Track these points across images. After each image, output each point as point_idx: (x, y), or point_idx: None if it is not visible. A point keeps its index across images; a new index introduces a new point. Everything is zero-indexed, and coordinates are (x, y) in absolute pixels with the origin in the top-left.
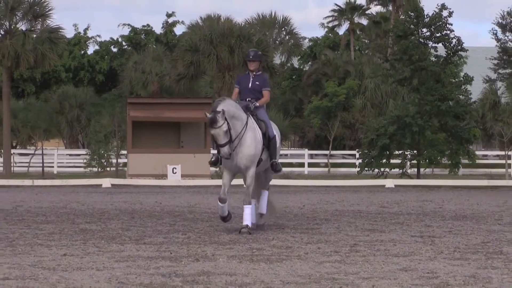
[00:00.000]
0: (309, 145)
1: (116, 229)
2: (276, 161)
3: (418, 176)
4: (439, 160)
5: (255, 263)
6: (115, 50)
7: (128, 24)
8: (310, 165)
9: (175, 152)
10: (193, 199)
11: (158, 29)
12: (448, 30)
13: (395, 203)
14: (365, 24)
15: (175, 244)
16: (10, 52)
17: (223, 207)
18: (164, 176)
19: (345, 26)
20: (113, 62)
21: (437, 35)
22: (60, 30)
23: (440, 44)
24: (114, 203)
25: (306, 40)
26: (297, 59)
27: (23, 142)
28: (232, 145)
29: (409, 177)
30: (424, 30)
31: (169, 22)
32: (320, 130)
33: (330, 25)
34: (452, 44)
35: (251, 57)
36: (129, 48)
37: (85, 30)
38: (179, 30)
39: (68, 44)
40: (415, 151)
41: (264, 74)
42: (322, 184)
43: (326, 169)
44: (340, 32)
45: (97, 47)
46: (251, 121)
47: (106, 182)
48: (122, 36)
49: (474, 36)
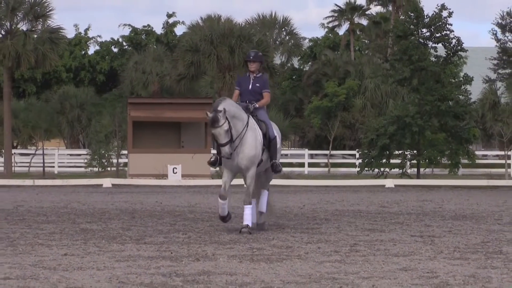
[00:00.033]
0: (309, 145)
1: (117, 229)
2: (277, 162)
3: (418, 176)
4: (439, 160)
5: (256, 263)
6: (116, 50)
7: (129, 25)
8: (310, 165)
9: (176, 152)
10: (194, 199)
11: (159, 30)
12: (448, 31)
13: (395, 203)
14: (365, 25)
15: (176, 244)
16: (11, 52)
17: (224, 205)
18: (165, 176)
19: (345, 27)
20: (114, 62)
21: (437, 35)
22: (61, 31)
23: (440, 44)
24: (115, 203)
25: (306, 41)
26: (297, 59)
27: (24, 142)
28: (233, 145)
29: (409, 177)
30: (424, 31)
31: (170, 23)
32: (320, 130)
33: (330, 26)
34: (452, 44)
35: (252, 58)
36: (130, 48)
37: (86, 31)
38: (180, 31)
39: (69, 45)
40: (415, 151)
41: (264, 76)
42: (322, 184)
43: (326, 169)
44: (340, 33)
45: (98, 47)
46: (252, 122)
47: (107, 182)
48: (123, 37)
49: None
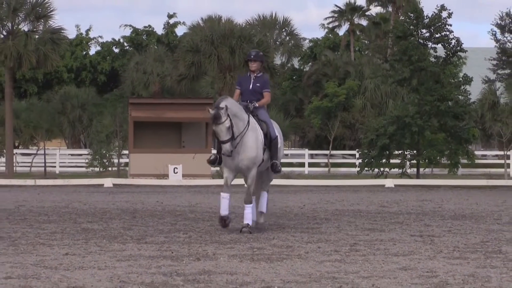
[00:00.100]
0: (310, 145)
1: (118, 229)
2: (277, 162)
3: (418, 176)
4: (439, 160)
5: (256, 262)
6: (117, 51)
7: (130, 25)
8: (311, 165)
9: (176, 152)
10: (194, 199)
11: (160, 30)
12: (448, 31)
13: (395, 203)
14: (365, 25)
15: (176, 244)
16: (13, 53)
17: (225, 199)
18: (166, 176)
19: (345, 27)
20: (115, 63)
21: (437, 36)
22: (62, 31)
23: (440, 45)
24: (116, 203)
25: (307, 41)
26: (298, 60)
27: (26, 142)
28: (234, 143)
29: (409, 177)
30: (424, 31)
31: (170, 23)
32: (320, 130)
33: (330, 26)
34: (452, 45)
35: (252, 57)
36: (131, 49)
37: (87, 31)
38: (180, 31)
39: (70, 45)
40: (415, 151)
41: (265, 76)
42: (322, 184)
43: (326, 169)
44: (340, 33)
45: (99, 48)
46: (253, 122)
47: (108, 182)
48: (124, 37)
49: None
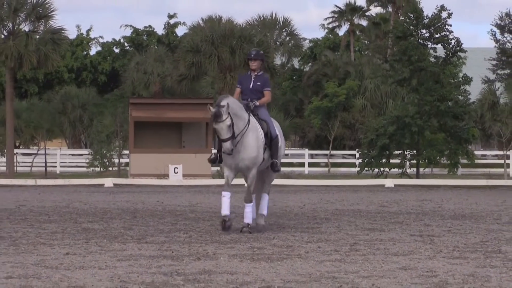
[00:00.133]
0: (310, 145)
1: (118, 228)
2: (276, 161)
3: (418, 176)
4: (438, 160)
5: (256, 262)
6: (117, 51)
7: (130, 25)
8: (311, 165)
9: (177, 152)
10: (195, 199)
11: (160, 30)
12: (447, 31)
13: (395, 203)
14: (365, 25)
15: (177, 243)
16: (13, 53)
17: (226, 199)
18: (166, 176)
19: (345, 27)
20: (115, 63)
21: (436, 36)
22: (63, 31)
23: (439, 45)
24: (116, 203)
25: (307, 41)
26: (298, 60)
27: (26, 142)
28: (234, 141)
29: (409, 177)
30: (424, 31)
31: (171, 23)
32: (321, 130)
33: (330, 26)
34: (451, 45)
35: (253, 56)
36: (131, 49)
37: (88, 31)
38: (181, 31)
39: (71, 45)
40: (415, 151)
41: (265, 74)
42: (323, 184)
43: (326, 169)
44: (340, 33)
45: (100, 48)
46: (253, 121)
47: (109, 182)
48: (124, 37)
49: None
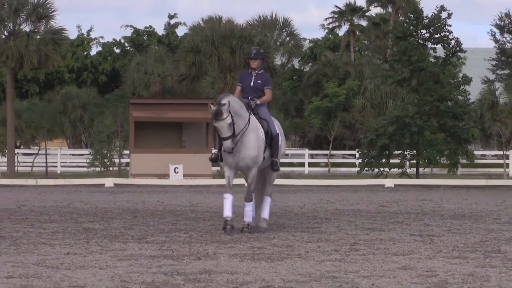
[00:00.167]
0: (310, 145)
1: (119, 228)
2: (276, 160)
3: (417, 176)
4: (438, 160)
5: (256, 262)
6: (118, 51)
7: (131, 26)
8: (311, 165)
9: (177, 152)
10: (195, 199)
11: (160, 31)
12: (447, 32)
13: (395, 202)
14: (365, 26)
15: (177, 243)
16: (14, 53)
17: (228, 201)
18: (166, 176)
19: (345, 28)
20: (116, 63)
21: (436, 36)
22: (64, 32)
23: (439, 45)
24: (117, 203)
25: (307, 41)
26: (298, 60)
27: (27, 142)
28: (235, 140)
29: (409, 177)
30: (423, 31)
31: (171, 24)
32: (321, 130)
33: (330, 27)
34: (451, 45)
35: (253, 55)
36: (132, 49)
37: (88, 32)
38: (181, 32)
39: (71, 45)
40: (414, 151)
41: (266, 73)
42: (323, 184)
43: (326, 169)
44: (340, 34)
45: (100, 48)
46: (254, 120)
47: (109, 182)
48: (125, 38)
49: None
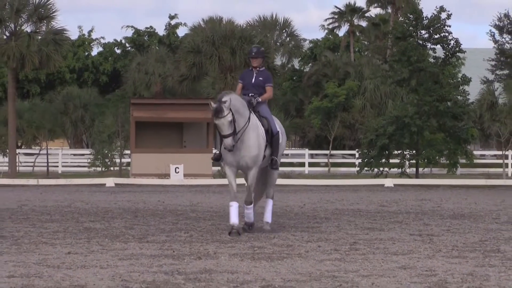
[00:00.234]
0: (310, 145)
1: (120, 228)
2: (276, 158)
3: (417, 176)
4: (438, 160)
5: (256, 261)
6: (119, 52)
7: (132, 26)
8: (311, 165)
9: (178, 152)
10: (196, 198)
11: (161, 31)
12: (447, 32)
13: (394, 202)
14: (365, 26)
15: (178, 243)
16: (15, 54)
17: (233, 209)
18: (167, 176)
19: (345, 28)
20: (117, 64)
21: (436, 37)
22: (65, 32)
23: (439, 46)
24: (118, 202)
25: (307, 42)
26: (298, 61)
27: (28, 142)
28: (235, 138)
29: (408, 177)
30: (423, 32)
31: (172, 24)
32: (321, 130)
33: (330, 27)
34: (450, 46)
35: (254, 54)
36: (133, 50)
37: (89, 32)
38: (182, 32)
39: (73, 46)
40: (414, 151)
41: (267, 70)
42: (322, 184)
43: (326, 169)
44: (340, 34)
45: (101, 49)
46: (254, 119)
47: (110, 182)
48: (126, 38)
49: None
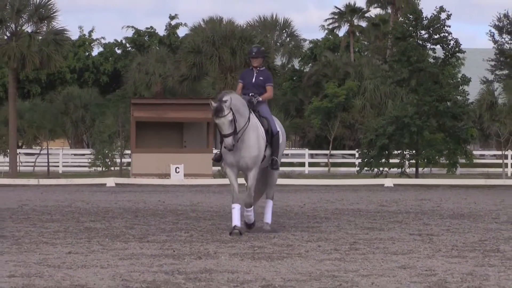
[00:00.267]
0: (310, 145)
1: (120, 228)
2: (276, 158)
3: (417, 176)
4: (437, 160)
5: (257, 261)
6: (119, 52)
7: (132, 26)
8: (311, 165)
9: (178, 152)
10: (196, 198)
11: (162, 31)
12: (446, 32)
13: (394, 202)
14: (365, 26)
15: (178, 242)
16: (16, 54)
17: (235, 211)
18: (167, 176)
19: (345, 28)
20: (117, 64)
21: (435, 37)
22: (65, 32)
23: (438, 46)
24: (118, 202)
25: (307, 42)
26: (298, 61)
27: (29, 142)
28: (236, 137)
29: (408, 176)
30: (423, 32)
31: (172, 24)
32: (321, 130)
33: (330, 27)
34: (450, 46)
35: (254, 53)
36: (133, 50)
37: (90, 32)
38: (182, 32)
39: (73, 46)
40: (414, 151)
41: (268, 70)
42: (322, 183)
43: (326, 169)
44: (340, 34)
45: (102, 49)
46: (254, 119)
47: (110, 181)
48: (126, 38)
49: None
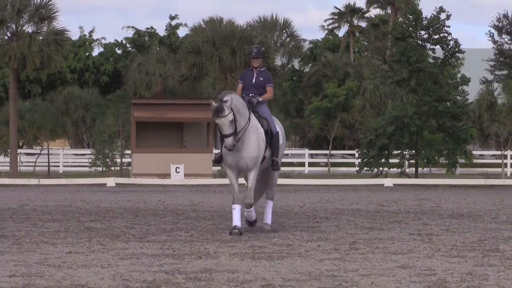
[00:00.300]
0: (310, 145)
1: (121, 227)
2: (277, 159)
3: (416, 175)
4: (437, 160)
5: (257, 261)
6: (120, 52)
7: (132, 27)
8: (311, 165)
9: (178, 152)
10: (196, 198)
11: (162, 32)
12: (446, 33)
13: (394, 202)
14: (364, 27)
15: (178, 242)
16: (17, 54)
17: (236, 211)
18: (168, 175)
19: (345, 29)
20: (118, 64)
21: (435, 37)
22: (66, 32)
23: (438, 46)
24: (119, 202)
25: (307, 42)
26: (298, 61)
27: (30, 142)
28: (236, 137)
29: (408, 176)
30: (422, 32)
31: (173, 25)
32: (320, 130)
33: (330, 28)
34: (450, 46)
35: (254, 54)
36: (133, 50)
37: (90, 33)
38: (182, 33)
39: (74, 46)
40: (413, 151)
41: (267, 71)
42: (322, 183)
43: (326, 169)
44: (340, 35)
45: (102, 49)
46: (254, 120)
47: (111, 181)
48: (127, 38)
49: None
